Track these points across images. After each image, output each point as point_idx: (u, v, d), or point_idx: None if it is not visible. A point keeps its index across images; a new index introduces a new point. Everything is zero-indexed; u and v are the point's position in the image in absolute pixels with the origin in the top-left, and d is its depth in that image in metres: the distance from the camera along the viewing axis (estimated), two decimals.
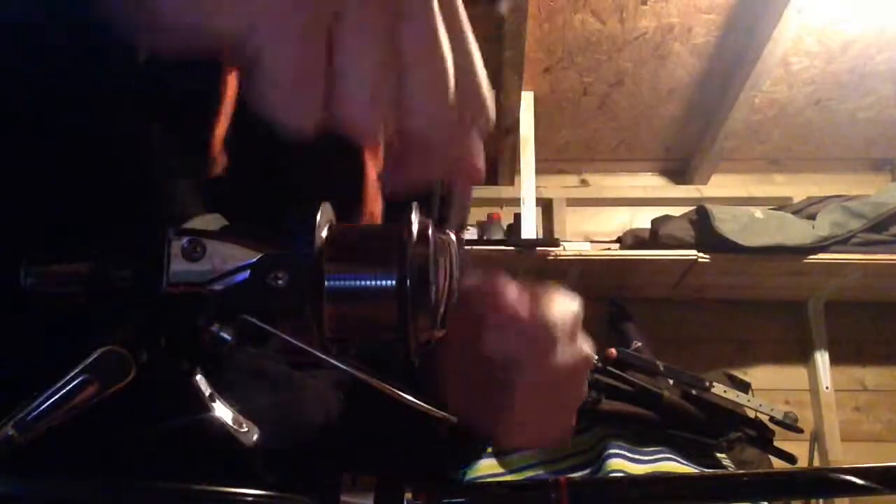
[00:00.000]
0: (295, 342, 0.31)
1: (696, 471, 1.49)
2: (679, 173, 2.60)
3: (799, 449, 2.00)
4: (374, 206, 0.52)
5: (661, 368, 1.71)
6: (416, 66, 0.28)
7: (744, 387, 1.86)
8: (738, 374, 2.05)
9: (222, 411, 0.33)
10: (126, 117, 0.45)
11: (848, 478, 0.38)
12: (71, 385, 0.29)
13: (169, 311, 0.31)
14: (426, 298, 0.32)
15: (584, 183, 2.60)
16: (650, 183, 2.61)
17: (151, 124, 0.45)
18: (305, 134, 0.28)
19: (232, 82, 0.46)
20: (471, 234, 2.25)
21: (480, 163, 0.33)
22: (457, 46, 0.29)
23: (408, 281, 0.31)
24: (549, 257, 2.01)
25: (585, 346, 0.47)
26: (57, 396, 0.29)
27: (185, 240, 0.31)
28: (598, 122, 2.40)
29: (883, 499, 0.42)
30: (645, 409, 1.55)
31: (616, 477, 1.34)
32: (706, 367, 2.04)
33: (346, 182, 0.54)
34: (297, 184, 0.53)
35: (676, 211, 2.19)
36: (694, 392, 1.65)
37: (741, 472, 0.95)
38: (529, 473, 1.52)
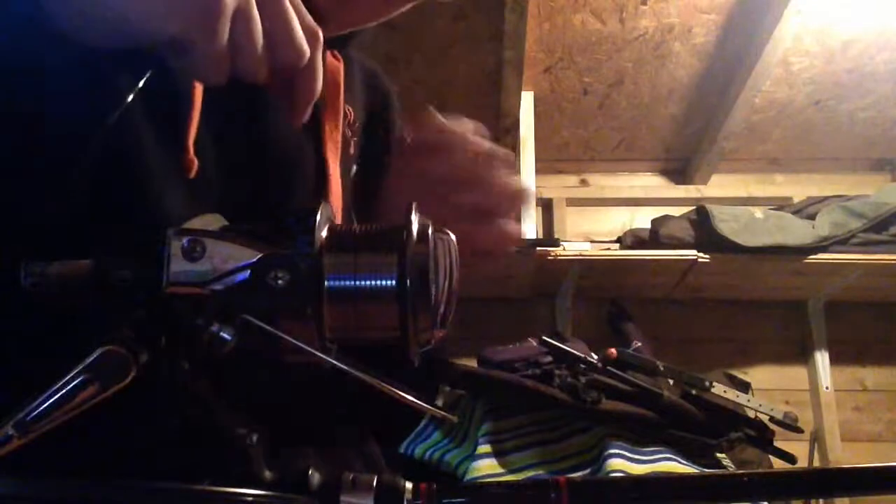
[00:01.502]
0: (295, 342, 0.31)
1: (696, 471, 1.48)
2: (679, 173, 2.60)
3: (799, 449, 2.00)
4: (336, 201, 0.53)
5: (661, 368, 1.71)
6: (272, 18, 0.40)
7: (744, 387, 1.86)
8: (738, 374, 2.05)
9: (224, 411, 0.33)
10: (124, 119, 0.45)
11: (848, 478, 0.38)
12: (71, 385, 0.29)
13: (169, 311, 0.31)
14: (426, 298, 0.32)
15: (584, 183, 2.60)
16: (650, 183, 2.61)
17: (146, 125, 0.46)
18: (217, 80, 0.39)
19: (199, 87, 0.47)
20: None
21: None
22: None
23: (408, 281, 0.31)
24: (549, 257, 2.01)
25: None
26: (57, 396, 0.29)
27: (185, 240, 0.31)
28: (598, 122, 2.40)
29: (883, 499, 0.42)
30: (645, 409, 1.55)
31: (616, 477, 1.34)
32: (706, 367, 2.04)
33: (312, 180, 0.55)
34: (269, 181, 0.54)
35: (676, 211, 2.19)
36: (694, 392, 1.65)
37: (741, 472, 0.95)
38: (529, 473, 1.52)
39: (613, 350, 1.71)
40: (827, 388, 2.29)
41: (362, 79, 0.68)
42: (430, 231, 0.33)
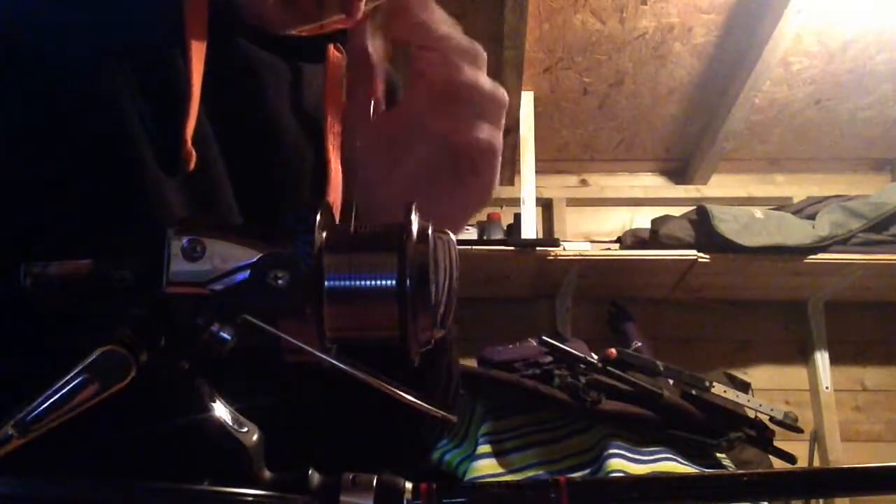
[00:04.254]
0: (295, 342, 0.31)
1: (696, 471, 1.49)
2: (679, 173, 2.60)
3: (799, 449, 2.00)
4: (336, 196, 0.53)
5: (661, 368, 1.71)
6: None
7: (744, 387, 1.86)
8: (738, 374, 2.05)
9: (222, 411, 0.33)
10: (121, 118, 0.45)
11: (848, 478, 0.38)
12: (71, 385, 0.29)
13: (169, 311, 0.31)
14: (426, 298, 0.32)
15: (584, 183, 2.60)
16: (650, 183, 2.61)
17: (144, 119, 0.46)
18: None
19: (197, 78, 0.46)
20: (471, 234, 2.25)
21: None
22: None
23: (408, 281, 0.31)
24: (549, 257, 2.01)
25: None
26: (57, 396, 0.29)
27: (185, 240, 0.31)
28: (598, 122, 2.40)
29: (883, 499, 0.42)
30: (645, 409, 1.55)
31: (616, 477, 1.34)
32: (706, 367, 2.04)
33: (313, 172, 0.55)
34: (270, 177, 0.54)
35: (676, 211, 2.19)
36: (694, 392, 1.65)
37: (741, 472, 0.95)
38: (529, 473, 1.52)
39: (613, 350, 1.72)
40: (827, 388, 2.29)
41: None
42: (429, 231, 0.33)
